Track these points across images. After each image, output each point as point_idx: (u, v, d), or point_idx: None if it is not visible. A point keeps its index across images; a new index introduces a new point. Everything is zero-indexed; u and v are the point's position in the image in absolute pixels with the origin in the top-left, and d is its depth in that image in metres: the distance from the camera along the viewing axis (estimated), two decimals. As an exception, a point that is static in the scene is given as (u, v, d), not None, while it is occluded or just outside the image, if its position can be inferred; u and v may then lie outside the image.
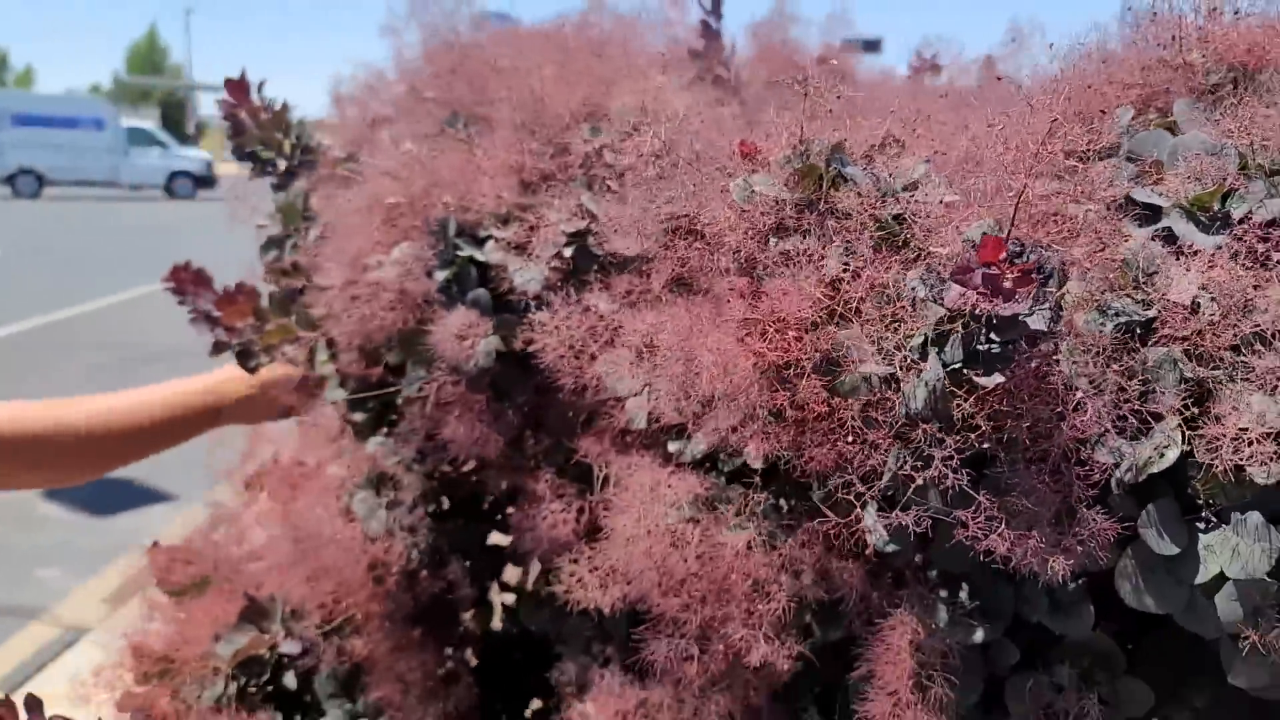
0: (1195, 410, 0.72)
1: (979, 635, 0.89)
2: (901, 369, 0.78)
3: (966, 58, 1.91)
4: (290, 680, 1.57)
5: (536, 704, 1.67)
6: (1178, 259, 0.77)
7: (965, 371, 0.74)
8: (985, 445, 0.76)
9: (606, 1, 1.81)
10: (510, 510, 1.40)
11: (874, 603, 0.98)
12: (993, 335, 0.73)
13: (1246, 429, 0.68)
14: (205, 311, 1.86)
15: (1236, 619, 0.70)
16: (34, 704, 1.27)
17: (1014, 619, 0.91)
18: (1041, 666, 0.92)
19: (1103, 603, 0.90)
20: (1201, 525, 0.73)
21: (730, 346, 0.91)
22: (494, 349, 1.18)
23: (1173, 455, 0.71)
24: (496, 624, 1.61)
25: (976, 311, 0.72)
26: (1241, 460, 0.69)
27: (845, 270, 0.82)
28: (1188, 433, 0.71)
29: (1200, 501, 0.73)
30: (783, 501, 1.03)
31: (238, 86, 1.78)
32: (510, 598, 1.79)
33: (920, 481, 0.76)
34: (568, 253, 1.18)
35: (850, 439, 0.83)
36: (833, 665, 1.09)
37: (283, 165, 1.78)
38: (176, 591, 1.73)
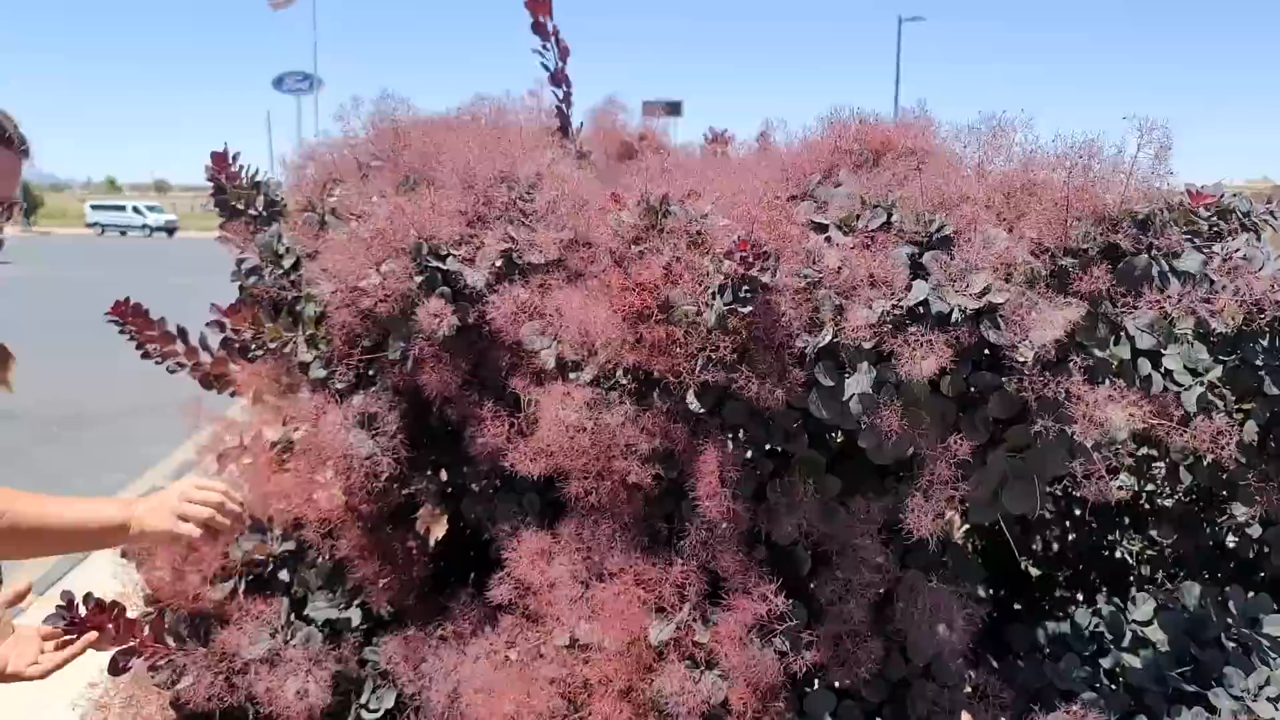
0: (825, 318, 1.52)
1: (749, 454, 1.66)
2: (703, 306, 1.54)
3: (741, 136, 2.78)
4: (284, 575, 2.18)
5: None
6: (832, 248, 1.57)
7: (734, 305, 1.51)
8: (745, 341, 1.54)
9: (486, 95, 2.56)
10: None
11: (693, 451, 1.73)
12: (746, 287, 1.50)
13: (859, 325, 1.48)
14: (146, 342, 2.47)
15: (859, 413, 1.49)
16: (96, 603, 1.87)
17: (768, 447, 1.68)
18: (784, 473, 1.69)
19: (815, 438, 1.68)
20: (847, 372, 1.52)
21: (607, 311, 1.66)
22: (455, 324, 1.88)
23: (828, 338, 1.50)
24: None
25: (739, 274, 1.49)
26: (858, 339, 1.48)
27: (674, 260, 1.58)
28: (836, 328, 1.51)
29: (845, 360, 1.52)
30: (640, 396, 1.77)
31: (220, 157, 2.41)
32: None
33: (714, 360, 1.52)
34: (499, 263, 1.90)
35: (679, 348, 1.59)
36: (670, 500, 1.84)
37: (254, 215, 2.42)
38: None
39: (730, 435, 1.69)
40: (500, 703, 1.78)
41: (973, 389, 1.51)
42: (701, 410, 1.67)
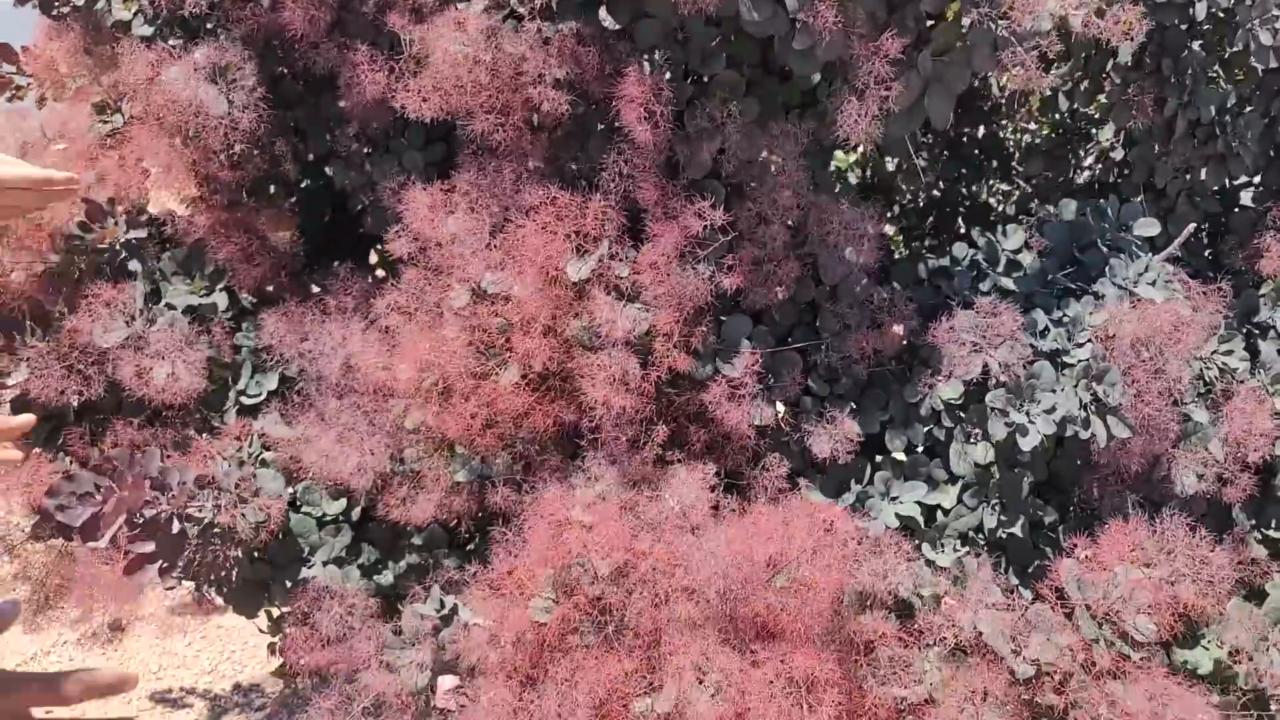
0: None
1: (667, 77, 1.58)
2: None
3: None
4: (134, 265, 1.97)
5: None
6: None
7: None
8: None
9: None
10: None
11: (604, 80, 1.63)
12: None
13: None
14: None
15: (795, 9, 1.44)
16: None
17: (685, 70, 1.61)
18: (701, 99, 1.63)
19: (732, 61, 1.62)
20: (778, -27, 1.45)
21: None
22: (318, -51, 1.65)
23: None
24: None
25: None
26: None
27: None
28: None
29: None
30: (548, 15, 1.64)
31: None
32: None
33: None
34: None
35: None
36: (575, 141, 1.76)
37: None
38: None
39: (645, 58, 1.61)
40: (410, 357, 1.70)
41: (905, -15, 1.48)
42: (617, 26, 1.57)
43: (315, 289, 2.05)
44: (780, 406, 1.75)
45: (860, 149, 2.52)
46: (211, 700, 2.98)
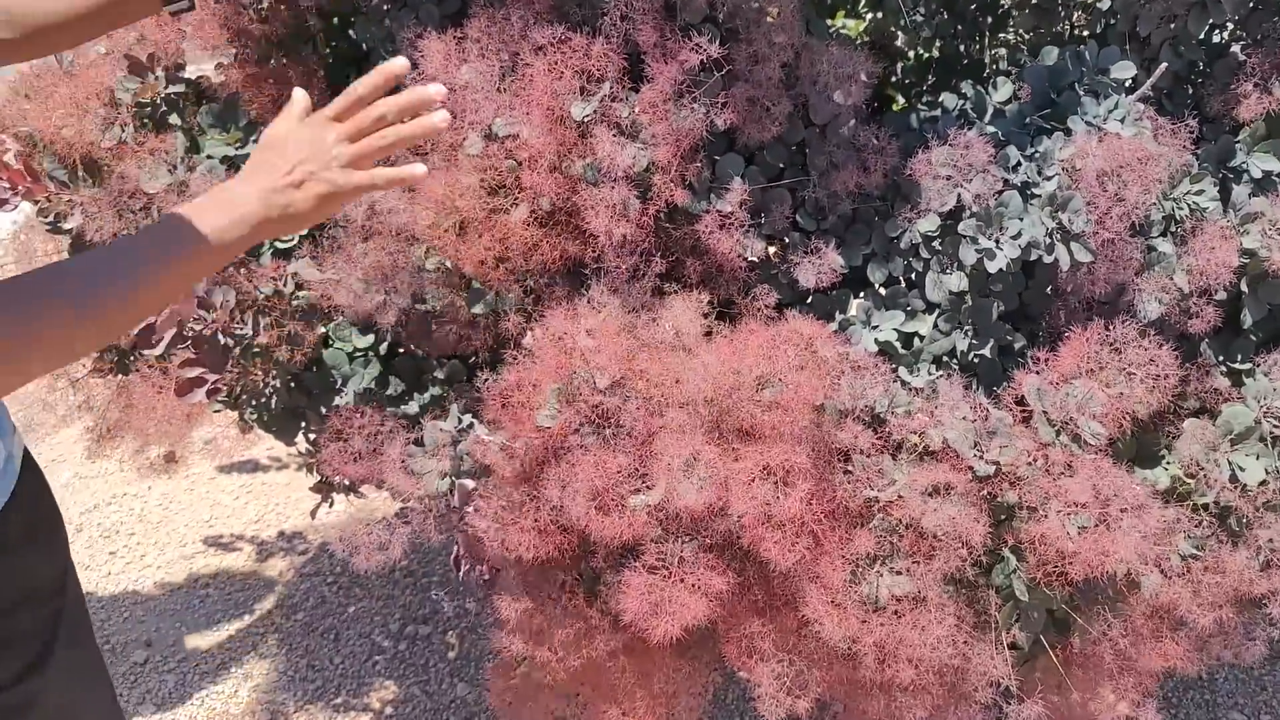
0: None
1: (664, -80, 1.68)
2: None
3: None
4: (174, 119, 2.12)
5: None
6: None
7: None
8: None
9: None
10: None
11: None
12: None
13: None
14: None
15: None
16: None
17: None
18: (695, -55, 1.73)
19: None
20: None
21: None
22: None
23: None
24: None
25: None
26: None
27: None
28: None
29: None
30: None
31: None
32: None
33: None
34: None
35: None
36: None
37: None
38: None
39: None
40: (429, 197, 1.85)
41: None
42: None
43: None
44: (770, 249, 1.89)
45: (867, 17, 2.60)
46: (259, 545, 3.23)
